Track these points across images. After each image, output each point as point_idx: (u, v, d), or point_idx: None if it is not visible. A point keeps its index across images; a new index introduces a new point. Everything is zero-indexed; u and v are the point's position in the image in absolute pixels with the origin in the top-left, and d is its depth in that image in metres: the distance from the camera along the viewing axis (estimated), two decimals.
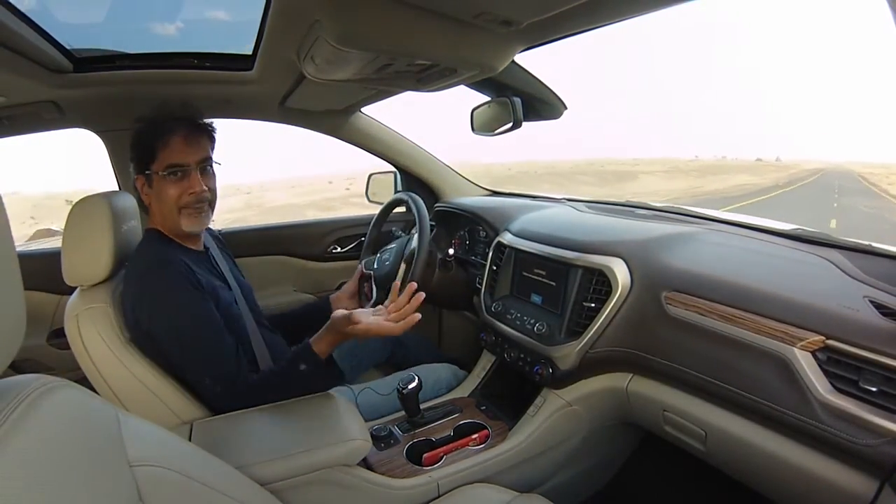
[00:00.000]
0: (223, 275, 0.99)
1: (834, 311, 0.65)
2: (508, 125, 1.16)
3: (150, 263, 0.85)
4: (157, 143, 0.86)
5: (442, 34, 0.72)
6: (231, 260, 1.11)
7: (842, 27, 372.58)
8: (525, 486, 1.00)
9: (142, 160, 0.88)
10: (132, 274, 0.86)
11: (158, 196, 0.88)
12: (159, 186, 0.88)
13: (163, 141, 0.86)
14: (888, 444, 0.57)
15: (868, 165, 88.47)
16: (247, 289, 1.07)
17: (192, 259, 0.90)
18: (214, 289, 0.90)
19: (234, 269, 1.09)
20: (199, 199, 0.89)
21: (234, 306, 0.95)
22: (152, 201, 0.91)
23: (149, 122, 0.89)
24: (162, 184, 0.87)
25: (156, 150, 0.86)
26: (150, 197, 0.91)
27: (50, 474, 0.35)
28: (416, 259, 1.15)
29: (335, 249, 1.72)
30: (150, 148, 0.86)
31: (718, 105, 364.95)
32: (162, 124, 0.87)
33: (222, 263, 1.02)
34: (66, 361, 1.34)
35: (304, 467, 0.74)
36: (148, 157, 0.87)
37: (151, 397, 0.80)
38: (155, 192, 0.89)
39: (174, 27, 1.06)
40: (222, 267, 1.01)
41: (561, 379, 0.99)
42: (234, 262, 1.12)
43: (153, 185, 0.89)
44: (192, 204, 0.89)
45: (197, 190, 0.88)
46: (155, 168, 0.87)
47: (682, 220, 1.10)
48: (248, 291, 1.07)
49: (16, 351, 0.36)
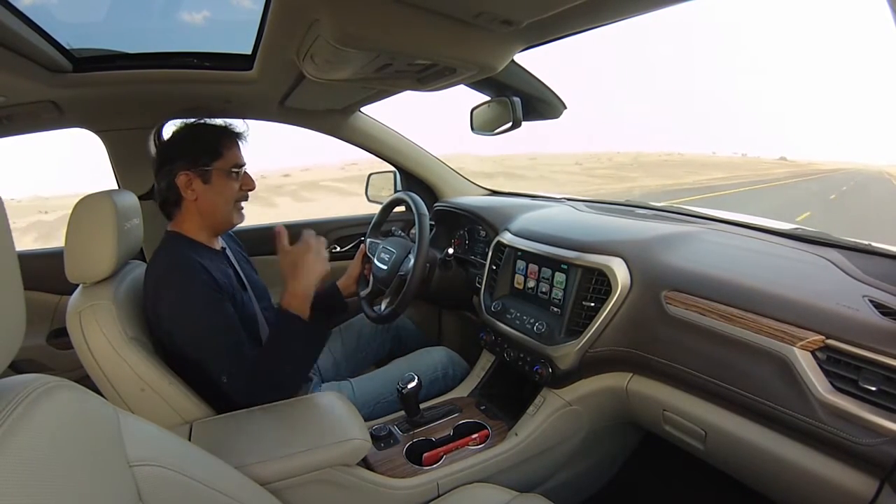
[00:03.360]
0: (239, 274, 1.02)
1: (833, 310, 0.65)
2: (508, 125, 1.16)
3: (172, 265, 0.88)
4: (223, 144, 0.94)
5: (442, 34, 0.72)
6: (245, 258, 1.14)
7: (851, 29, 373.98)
8: (525, 485, 1.00)
9: (202, 157, 0.92)
10: (155, 274, 0.88)
11: (216, 191, 0.94)
12: (220, 183, 0.94)
13: (229, 142, 0.95)
14: (888, 444, 0.57)
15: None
16: (261, 288, 1.09)
17: (212, 259, 0.94)
18: (232, 289, 0.93)
19: (248, 268, 1.11)
20: (247, 196, 1.00)
21: (248, 305, 0.98)
22: (199, 197, 0.93)
23: (206, 123, 0.97)
24: (225, 180, 0.94)
25: (221, 149, 0.94)
26: (195, 193, 0.93)
27: (49, 474, 0.35)
28: (416, 259, 1.16)
29: (335, 249, 1.72)
30: (214, 147, 0.93)
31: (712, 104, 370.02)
32: (224, 128, 0.97)
33: (239, 262, 1.06)
34: (66, 361, 1.35)
35: (304, 467, 0.74)
36: (211, 154, 0.93)
37: (153, 395, 0.80)
38: (212, 187, 0.93)
39: (174, 27, 1.06)
40: (238, 266, 1.04)
41: (561, 378, 0.99)
42: (248, 261, 1.14)
43: (211, 181, 0.93)
44: (243, 199, 0.99)
45: (253, 187, 0.99)
46: (220, 165, 0.93)
47: (682, 220, 1.10)
48: (263, 290, 1.10)
49: (16, 351, 0.36)
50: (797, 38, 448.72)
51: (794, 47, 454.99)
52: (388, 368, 1.22)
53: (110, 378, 0.79)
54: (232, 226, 0.99)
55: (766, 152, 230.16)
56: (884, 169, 53.88)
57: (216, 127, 0.96)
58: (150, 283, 0.88)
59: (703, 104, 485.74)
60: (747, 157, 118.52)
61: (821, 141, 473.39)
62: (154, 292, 0.86)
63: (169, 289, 0.85)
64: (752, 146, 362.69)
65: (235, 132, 0.98)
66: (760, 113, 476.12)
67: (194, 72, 1.05)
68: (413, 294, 1.14)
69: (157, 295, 0.86)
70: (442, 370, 1.23)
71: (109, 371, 0.79)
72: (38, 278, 1.30)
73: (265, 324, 1.01)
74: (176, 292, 0.85)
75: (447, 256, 1.32)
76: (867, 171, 49.85)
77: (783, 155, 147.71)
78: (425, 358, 1.25)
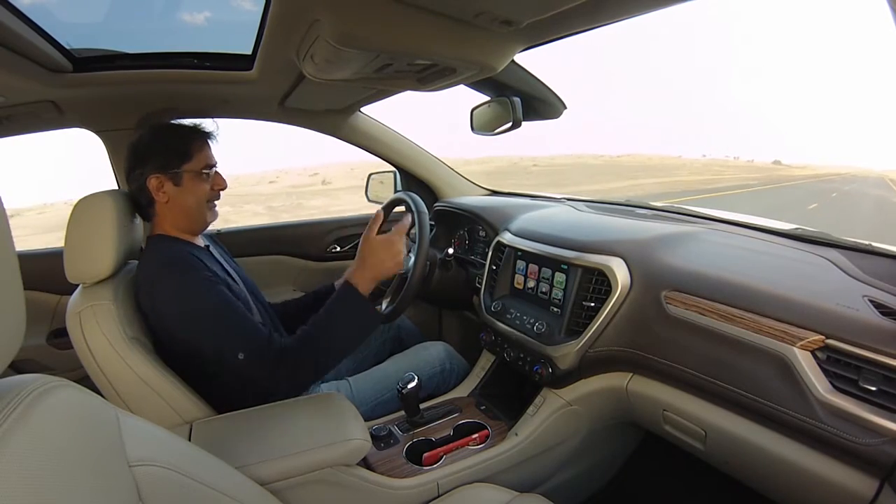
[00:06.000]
0: (227, 269, 1.02)
1: (833, 310, 0.65)
2: (508, 125, 1.16)
3: (163, 260, 0.88)
4: (192, 145, 0.94)
5: (442, 34, 0.72)
6: (231, 259, 1.13)
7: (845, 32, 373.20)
8: (525, 485, 1.00)
9: (172, 160, 0.92)
10: (147, 272, 0.88)
11: (189, 192, 0.93)
12: (192, 184, 0.93)
13: (199, 144, 0.95)
14: (888, 444, 0.57)
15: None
16: (251, 286, 1.09)
17: (199, 254, 0.94)
18: (225, 279, 0.93)
19: (238, 268, 1.11)
20: (220, 195, 1.00)
21: (242, 296, 0.97)
22: (171, 199, 0.93)
23: (174, 125, 0.96)
24: (196, 181, 0.94)
25: (191, 151, 0.93)
26: (167, 195, 0.92)
27: (49, 474, 0.35)
28: (416, 258, 1.16)
29: (335, 249, 1.72)
30: (184, 149, 0.93)
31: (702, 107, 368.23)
32: (193, 129, 0.96)
33: (224, 260, 1.05)
34: (66, 361, 1.35)
35: (304, 467, 0.74)
36: (181, 157, 0.92)
37: (153, 395, 0.80)
38: (183, 189, 0.93)
39: (174, 27, 1.06)
40: (225, 263, 1.04)
41: (561, 378, 0.99)
42: (234, 261, 1.13)
43: (182, 183, 0.92)
44: (215, 198, 0.99)
45: (224, 186, 0.99)
46: (190, 167, 0.93)
47: (682, 220, 1.10)
48: (253, 287, 1.09)
49: (16, 351, 0.36)
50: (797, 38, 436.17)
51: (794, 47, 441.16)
52: (385, 366, 1.22)
53: (110, 378, 0.79)
54: (206, 224, 0.99)
55: (760, 155, 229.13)
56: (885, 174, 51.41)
57: (185, 128, 0.96)
58: (144, 282, 0.87)
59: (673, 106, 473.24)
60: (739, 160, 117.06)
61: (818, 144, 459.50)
62: (149, 290, 0.86)
63: (165, 282, 0.85)
64: (745, 149, 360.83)
65: (205, 132, 0.97)
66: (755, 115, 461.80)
67: (194, 72, 1.05)
68: (413, 294, 1.14)
69: (153, 292, 0.85)
70: (440, 365, 1.23)
71: (109, 371, 0.79)
72: (38, 278, 1.30)
73: (259, 317, 0.98)
74: (173, 284, 0.84)
75: (447, 256, 1.32)
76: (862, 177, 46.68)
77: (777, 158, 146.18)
78: (423, 354, 1.25)
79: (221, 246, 1.15)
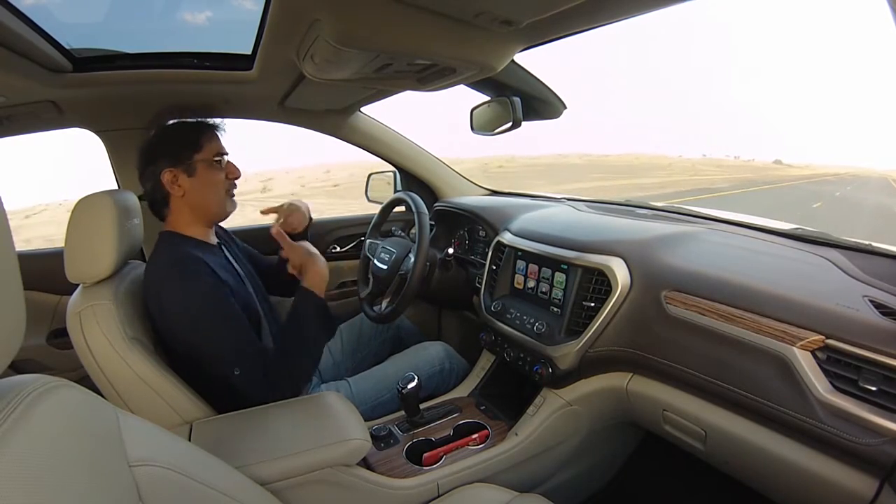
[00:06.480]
0: (237, 269, 1.02)
1: (833, 310, 0.65)
2: (508, 125, 1.16)
3: (173, 261, 0.88)
4: (202, 136, 0.95)
5: (442, 34, 0.71)
6: (244, 259, 1.13)
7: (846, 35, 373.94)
8: (525, 485, 1.00)
9: (183, 151, 0.92)
10: (156, 273, 0.88)
11: (204, 182, 0.93)
12: (206, 173, 0.93)
13: (208, 134, 0.96)
14: (888, 444, 0.57)
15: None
16: (261, 287, 1.10)
17: (210, 254, 0.94)
18: (233, 283, 0.94)
19: (248, 265, 1.11)
20: (235, 184, 1.00)
21: (250, 301, 0.98)
22: (187, 191, 0.93)
23: (181, 122, 0.98)
24: (210, 170, 0.94)
25: (201, 141, 0.94)
26: (182, 188, 0.93)
27: (49, 474, 0.35)
28: (416, 258, 1.16)
29: (335, 249, 1.72)
30: (194, 139, 0.94)
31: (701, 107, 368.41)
32: (200, 122, 0.97)
33: (236, 260, 1.05)
34: (66, 361, 1.35)
35: (304, 467, 0.74)
36: (191, 147, 0.93)
37: (153, 395, 0.80)
38: (198, 179, 0.93)
39: (174, 27, 1.06)
40: (236, 261, 1.04)
41: (561, 378, 0.99)
42: (247, 261, 1.13)
43: (197, 174, 0.93)
44: (232, 187, 0.99)
45: (238, 175, 0.99)
46: (201, 157, 0.93)
47: (682, 220, 1.10)
48: (261, 289, 1.10)
49: (16, 351, 0.36)
50: (796, 38, 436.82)
51: (794, 47, 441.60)
52: (385, 366, 1.22)
53: (110, 378, 0.79)
54: (227, 214, 0.99)
55: (761, 155, 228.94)
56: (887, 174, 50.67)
57: (192, 122, 0.97)
58: (152, 282, 0.87)
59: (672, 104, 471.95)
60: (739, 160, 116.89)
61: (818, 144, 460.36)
62: (156, 291, 0.86)
63: (172, 286, 0.85)
64: (745, 149, 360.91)
65: (212, 124, 0.98)
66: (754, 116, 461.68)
67: (194, 72, 1.05)
68: (413, 293, 1.14)
69: (160, 294, 0.85)
70: (440, 365, 1.24)
71: (109, 371, 0.79)
72: (38, 278, 1.30)
73: (267, 322, 1.01)
74: (180, 288, 0.85)
75: (447, 256, 1.32)
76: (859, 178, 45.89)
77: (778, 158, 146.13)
78: (422, 353, 1.25)
79: (237, 244, 1.15)
